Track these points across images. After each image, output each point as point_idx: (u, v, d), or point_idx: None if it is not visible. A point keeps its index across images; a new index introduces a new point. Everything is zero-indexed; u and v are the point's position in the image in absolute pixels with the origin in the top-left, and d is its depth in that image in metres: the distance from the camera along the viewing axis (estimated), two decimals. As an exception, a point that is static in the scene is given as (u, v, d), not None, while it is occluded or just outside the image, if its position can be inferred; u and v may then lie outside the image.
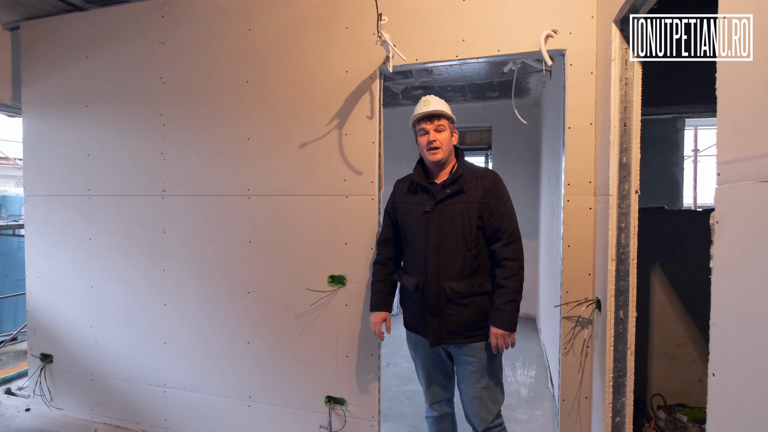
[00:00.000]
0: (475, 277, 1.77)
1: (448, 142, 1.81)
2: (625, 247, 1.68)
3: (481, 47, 2.09)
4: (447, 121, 1.81)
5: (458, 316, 1.76)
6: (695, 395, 2.90)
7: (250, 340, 2.48)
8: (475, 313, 1.77)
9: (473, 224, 1.74)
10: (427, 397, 1.98)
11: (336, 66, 2.30)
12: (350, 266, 2.30)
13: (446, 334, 1.78)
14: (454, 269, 1.75)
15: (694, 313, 2.88)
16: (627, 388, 1.69)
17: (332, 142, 2.31)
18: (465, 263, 1.75)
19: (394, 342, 4.43)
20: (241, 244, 2.48)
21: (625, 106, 1.64)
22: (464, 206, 1.75)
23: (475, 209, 1.75)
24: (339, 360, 2.32)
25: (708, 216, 2.64)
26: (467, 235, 1.74)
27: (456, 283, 1.75)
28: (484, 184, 1.77)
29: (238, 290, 2.49)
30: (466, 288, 1.75)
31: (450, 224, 1.76)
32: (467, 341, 1.77)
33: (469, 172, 1.81)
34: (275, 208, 2.41)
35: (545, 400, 3.17)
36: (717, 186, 0.85)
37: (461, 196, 1.77)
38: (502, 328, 1.71)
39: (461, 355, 1.81)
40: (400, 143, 5.76)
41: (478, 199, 1.75)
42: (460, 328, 1.76)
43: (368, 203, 2.26)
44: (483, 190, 1.76)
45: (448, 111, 1.83)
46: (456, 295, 1.75)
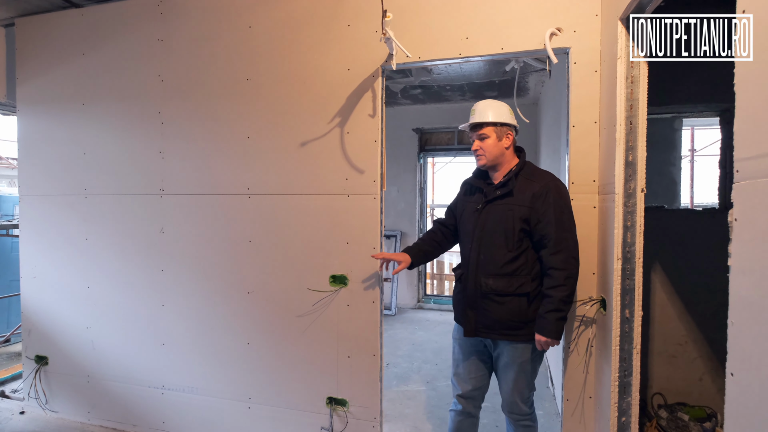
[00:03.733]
0: (515, 278, 1.79)
1: (492, 147, 1.85)
2: (631, 245, 1.67)
3: (484, 45, 2.07)
4: (492, 128, 1.85)
5: (493, 312, 1.81)
6: (695, 394, 2.91)
7: (250, 340, 2.45)
8: (512, 312, 1.79)
9: (516, 226, 1.78)
10: (455, 388, 2.01)
11: (338, 63, 2.28)
12: (352, 266, 2.28)
13: (481, 327, 1.85)
14: (492, 266, 1.81)
15: (695, 312, 2.88)
16: (633, 387, 1.69)
17: (334, 140, 2.29)
18: (504, 262, 1.79)
19: (393, 342, 4.41)
20: (241, 243, 2.45)
21: (631, 104, 1.64)
22: (510, 208, 1.80)
23: (520, 212, 1.78)
24: (340, 361, 2.30)
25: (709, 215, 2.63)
26: (509, 235, 1.78)
27: (493, 280, 1.80)
28: (534, 189, 1.79)
29: (238, 290, 2.46)
30: (503, 286, 1.79)
31: (494, 223, 1.82)
32: (502, 338, 1.82)
33: (526, 175, 1.85)
34: (276, 207, 2.39)
35: (546, 400, 3.16)
36: (735, 183, 0.84)
37: (509, 198, 1.82)
38: (544, 335, 1.72)
39: (498, 348, 1.88)
40: (398, 143, 5.75)
41: (525, 203, 1.78)
42: (495, 324, 1.81)
43: (370, 202, 2.24)
44: (532, 194, 1.78)
45: (492, 118, 1.84)
46: (492, 292, 1.80)
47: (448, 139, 5.90)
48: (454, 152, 6.03)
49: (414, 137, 5.75)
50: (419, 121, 5.70)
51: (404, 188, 5.82)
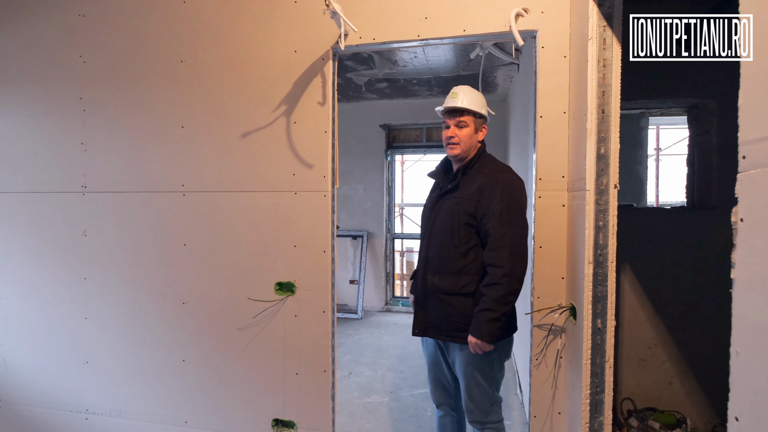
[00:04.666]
0: (461, 276, 1.68)
1: (468, 138, 1.74)
2: (603, 248, 1.51)
3: (445, 26, 1.87)
4: (472, 117, 1.74)
5: (440, 311, 1.72)
6: (664, 398, 2.83)
7: (186, 357, 2.16)
8: (458, 313, 1.68)
9: (461, 221, 1.68)
10: (432, 397, 1.95)
11: (283, 45, 2.03)
12: (300, 271, 2.03)
13: (430, 327, 1.77)
14: (439, 264, 1.72)
15: (664, 314, 2.79)
16: (605, 405, 1.52)
17: (279, 131, 2.04)
18: (450, 260, 1.69)
19: (357, 348, 4.18)
20: (175, 247, 2.16)
21: (603, 91, 1.47)
22: (457, 201, 1.70)
23: (466, 206, 1.67)
24: (287, 378, 2.05)
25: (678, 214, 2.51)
26: (455, 231, 1.69)
27: (440, 278, 1.71)
28: (481, 181, 1.68)
29: (172, 301, 2.17)
30: (449, 285, 1.69)
31: (443, 219, 1.73)
32: (450, 340, 1.72)
33: (479, 167, 1.74)
34: (214, 205, 2.11)
35: (514, 408, 3.01)
36: (741, 173, 0.65)
37: (457, 192, 1.73)
38: (474, 336, 1.60)
39: (450, 352, 1.79)
40: (365, 139, 5.52)
41: (471, 196, 1.68)
42: (441, 324, 1.72)
43: (320, 200, 2.00)
44: (479, 187, 1.67)
45: (475, 107, 1.74)
46: (438, 290, 1.72)
47: (416, 136, 5.72)
48: (424, 149, 5.85)
49: (381, 134, 5.54)
50: (386, 117, 5.49)
51: (371, 187, 5.59)
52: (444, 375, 1.88)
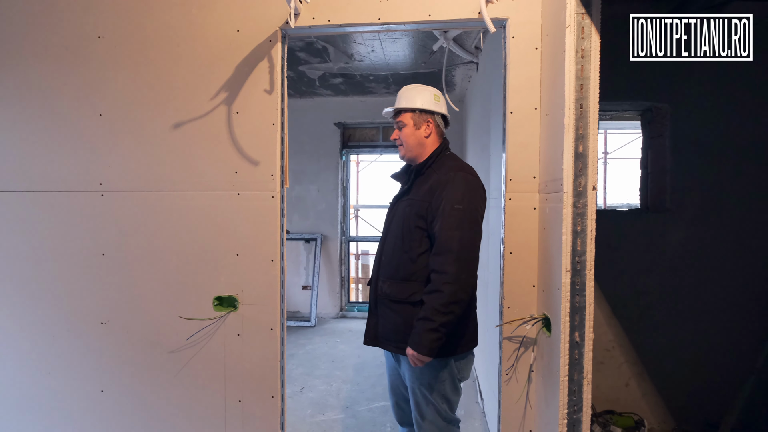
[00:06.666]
0: (410, 283, 1.56)
1: (409, 137, 1.63)
2: (581, 255, 1.39)
3: (409, 10, 1.70)
4: (410, 114, 1.63)
5: (388, 320, 1.61)
6: (622, 400, 2.83)
7: (105, 386, 1.83)
8: (406, 323, 1.55)
9: (411, 224, 1.56)
10: (394, 414, 1.81)
11: (223, 22, 1.76)
12: (244, 284, 1.77)
13: (381, 337, 1.65)
14: (390, 270, 1.62)
15: (621, 315, 2.79)
16: (583, 425, 1.40)
17: (219, 121, 1.77)
18: (400, 265, 1.58)
19: (310, 359, 3.92)
20: (92, 257, 1.82)
21: (581, 84, 1.35)
22: (410, 203, 1.59)
23: (417, 208, 1.56)
24: (229, 407, 1.78)
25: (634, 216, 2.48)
26: (405, 235, 1.57)
27: (388, 284, 1.61)
28: (432, 181, 1.55)
29: (88, 321, 1.83)
30: (397, 292, 1.58)
31: (397, 222, 1.63)
32: (399, 351, 1.58)
33: (436, 167, 1.61)
34: (140, 208, 1.80)
35: (475, 418, 2.90)
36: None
37: (411, 193, 1.62)
38: (411, 347, 1.46)
39: (401, 365, 1.65)
40: (319, 138, 5.25)
41: (422, 197, 1.56)
42: (390, 334, 1.61)
43: (267, 202, 1.76)
44: (430, 187, 1.55)
45: (407, 102, 1.63)
46: (386, 297, 1.62)
47: (372, 135, 5.54)
48: (380, 149, 5.68)
49: (336, 132, 5.30)
50: (342, 115, 5.26)
51: (325, 187, 5.33)
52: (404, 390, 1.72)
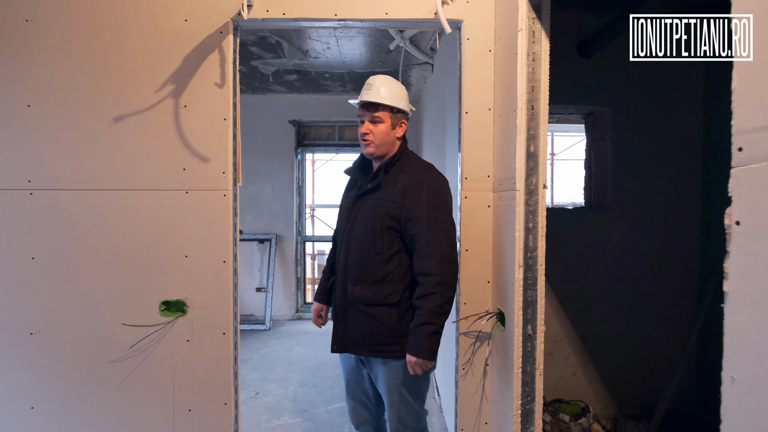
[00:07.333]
0: (384, 285, 1.53)
1: (384, 135, 1.57)
2: (533, 250, 1.44)
3: (366, 7, 1.68)
4: (389, 113, 1.56)
5: (361, 324, 1.55)
6: (569, 389, 2.98)
7: (36, 403, 1.67)
8: (382, 326, 1.53)
9: (383, 224, 1.52)
10: (350, 417, 1.74)
11: (170, 11, 1.67)
12: (193, 287, 1.68)
13: (350, 342, 1.59)
14: (360, 272, 1.56)
15: (569, 308, 2.94)
16: (536, 414, 1.46)
17: (165, 115, 1.67)
18: (372, 267, 1.53)
19: (264, 364, 3.80)
20: (20, 261, 1.66)
21: (532, 86, 1.40)
22: (379, 203, 1.54)
23: (389, 208, 1.51)
24: (177, 417, 1.69)
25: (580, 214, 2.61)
26: (377, 236, 1.52)
27: (360, 288, 1.55)
28: (405, 181, 1.52)
29: (16, 331, 1.66)
30: (371, 295, 1.53)
31: (363, 222, 1.56)
32: (372, 355, 1.56)
33: (401, 165, 1.58)
34: (76, 208, 1.66)
35: (432, 414, 2.93)
36: (735, 168, 0.55)
37: (379, 192, 1.56)
38: (414, 355, 1.43)
39: (373, 368, 1.61)
40: (273, 135, 5.12)
41: (393, 197, 1.52)
42: (364, 338, 1.56)
43: (219, 200, 1.68)
44: (402, 187, 1.52)
45: (392, 101, 1.55)
46: (358, 301, 1.56)
47: (328, 134, 5.47)
48: (336, 148, 5.62)
49: (291, 130, 5.19)
50: (296, 113, 5.16)
51: (280, 187, 5.20)
52: (365, 392, 1.69)
